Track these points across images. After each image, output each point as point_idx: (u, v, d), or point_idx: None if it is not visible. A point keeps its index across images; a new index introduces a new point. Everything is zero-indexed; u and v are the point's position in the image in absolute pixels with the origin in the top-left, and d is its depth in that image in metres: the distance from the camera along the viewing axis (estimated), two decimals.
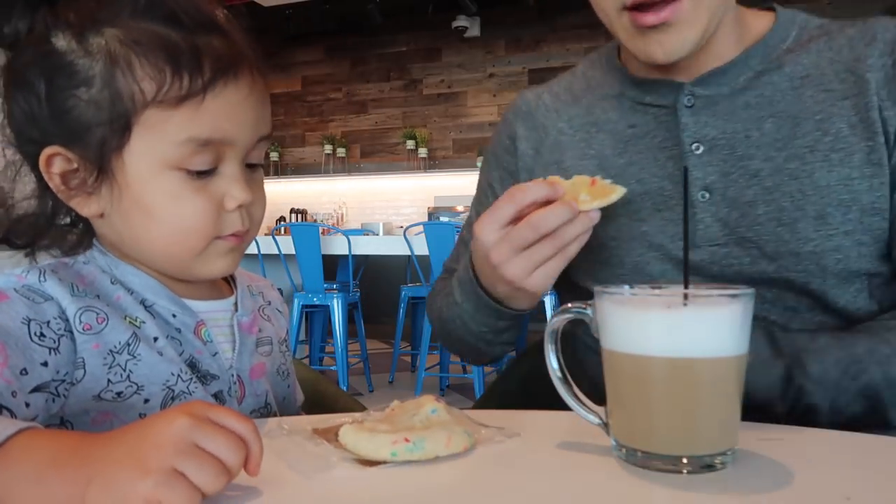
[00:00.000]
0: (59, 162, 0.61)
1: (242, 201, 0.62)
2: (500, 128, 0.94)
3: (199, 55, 0.58)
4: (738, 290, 0.51)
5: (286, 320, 0.83)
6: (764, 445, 0.55)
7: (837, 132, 0.72)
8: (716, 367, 0.50)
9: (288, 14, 6.40)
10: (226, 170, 0.62)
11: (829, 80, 0.74)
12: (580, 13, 6.04)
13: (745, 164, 0.75)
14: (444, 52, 6.61)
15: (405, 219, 6.37)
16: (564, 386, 0.57)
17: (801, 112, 0.74)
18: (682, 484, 0.48)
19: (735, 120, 0.76)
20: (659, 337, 0.50)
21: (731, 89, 0.77)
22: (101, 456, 0.41)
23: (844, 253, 0.72)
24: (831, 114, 0.73)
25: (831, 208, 0.71)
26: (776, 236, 0.73)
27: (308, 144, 7.06)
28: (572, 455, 0.55)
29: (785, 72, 0.76)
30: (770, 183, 0.74)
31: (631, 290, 0.56)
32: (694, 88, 0.78)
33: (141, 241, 0.63)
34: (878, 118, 0.71)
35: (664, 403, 0.51)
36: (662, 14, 0.69)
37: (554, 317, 0.58)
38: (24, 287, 0.59)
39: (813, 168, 0.72)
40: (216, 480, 0.40)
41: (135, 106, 0.58)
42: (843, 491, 0.46)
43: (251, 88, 0.62)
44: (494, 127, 0.97)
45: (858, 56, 0.73)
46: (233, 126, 0.61)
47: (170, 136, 0.58)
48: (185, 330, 0.66)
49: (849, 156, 0.71)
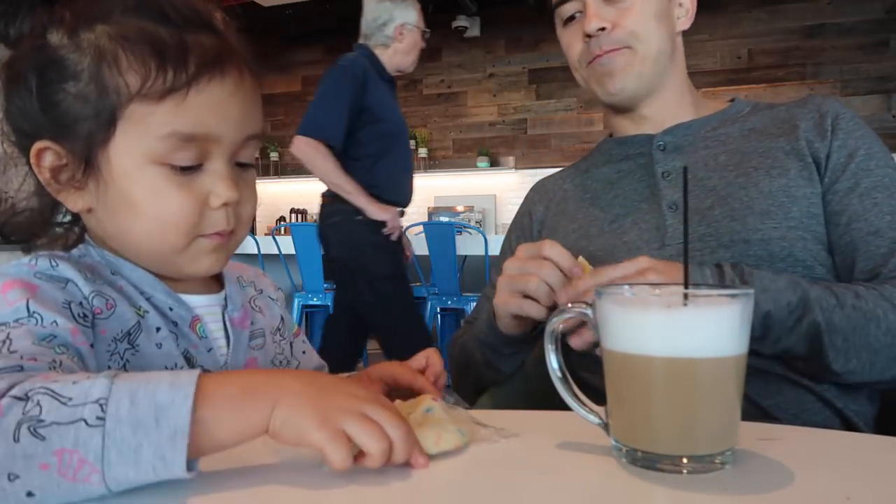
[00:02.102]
0: (49, 156, 0.61)
1: (227, 199, 0.62)
2: (522, 206, 1.18)
3: (186, 50, 0.59)
4: (737, 290, 0.51)
5: (280, 306, 0.83)
6: (764, 445, 0.55)
7: (775, 157, 0.93)
8: (716, 367, 0.50)
9: (288, 14, 6.40)
10: (212, 167, 0.62)
11: (769, 130, 0.97)
12: None
13: (703, 183, 0.96)
14: (444, 51, 6.61)
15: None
16: (564, 386, 0.57)
17: (747, 148, 0.96)
18: (682, 484, 0.48)
19: (696, 156, 0.99)
20: (659, 337, 0.50)
21: (693, 137, 1.01)
22: (288, 387, 0.48)
23: (790, 242, 0.87)
24: (770, 147, 0.95)
25: (774, 207, 0.89)
26: (730, 229, 0.90)
27: None
28: (572, 455, 0.55)
29: (736, 127, 1.00)
30: (724, 193, 0.93)
31: (631, 290, 0.56)
32: (664, 137, 1.02)
33: (127, 236, 0.63)
34: (805, 147, 0.92)
35: (664, 403, 0.51)
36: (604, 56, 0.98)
37: (554, 317, 0.58)
38: (41, 273, 0.59)
39: (757, 179, 0.92)
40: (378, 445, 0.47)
41: (119, 99, 0.58)
42: (843, 491, 0.46)
43: (238, 86, 0.62)
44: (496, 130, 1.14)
45: (793, 115, 0.97)
46: (217, 122, 0.60)
47: (153, 130, 0.59)
48: (181, 324, 0.66)
49: (785, 171, 0.91)
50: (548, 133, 6.28)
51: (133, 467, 0.43)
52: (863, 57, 5.39)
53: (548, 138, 6.28)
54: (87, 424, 0.43)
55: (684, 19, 1.04)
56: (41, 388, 0.44)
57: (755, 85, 5.49)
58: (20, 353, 0.50)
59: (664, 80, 1.01)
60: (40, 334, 0.53)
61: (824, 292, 0.79)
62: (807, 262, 0.87)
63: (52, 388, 0.44)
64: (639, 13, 0.97)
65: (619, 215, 1.00)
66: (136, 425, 0.43)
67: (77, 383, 0.45)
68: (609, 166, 1.08)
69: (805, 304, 0.78)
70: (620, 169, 1.05)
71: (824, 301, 0.78)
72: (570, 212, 1.07)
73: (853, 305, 0.78)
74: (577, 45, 1.02)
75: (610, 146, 1.10)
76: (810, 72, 5.50)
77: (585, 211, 1.05)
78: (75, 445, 0.43)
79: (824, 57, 5.45)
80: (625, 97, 1.01)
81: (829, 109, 0.94)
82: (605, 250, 0.98)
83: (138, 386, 0.45)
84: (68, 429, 0.43)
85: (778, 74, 5.55)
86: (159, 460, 0.43)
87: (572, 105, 6.19)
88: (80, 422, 0.43)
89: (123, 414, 0.43)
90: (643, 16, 0.98)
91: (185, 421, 0.44)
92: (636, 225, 0.98)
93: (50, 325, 0.55)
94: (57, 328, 0.55)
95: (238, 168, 0.65)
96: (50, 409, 0.43)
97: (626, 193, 1.02)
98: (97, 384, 0.45)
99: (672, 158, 1.00)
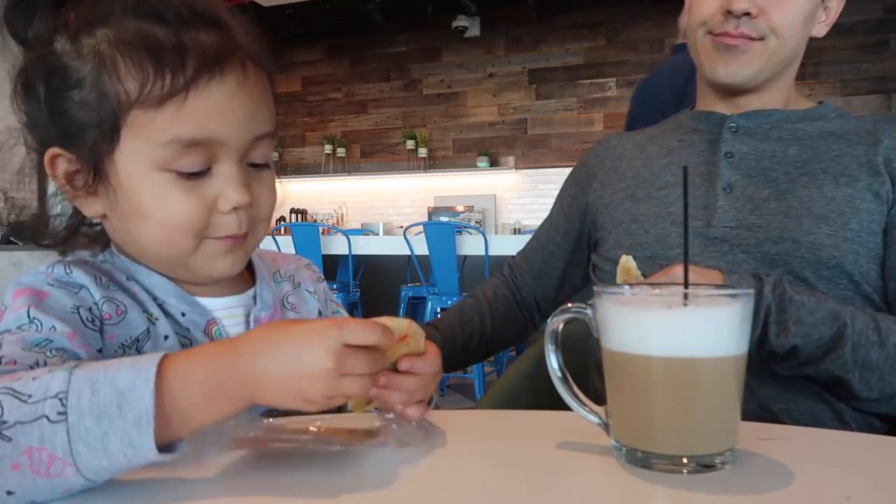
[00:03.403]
0: (62, 163, 0.61)
1: (237, 203, 0.60)
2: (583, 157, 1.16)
3: (183, 51, 0.57)
4: (737, 290, 0.51)
5: (321, 298, 0.79)
6: (764, 445, 0.55)
7: (847, 165, 0.89)
8: (716, 366, 0.50)
9: (288, 14, 6.39)
10: (220, 170, 0.60)
11: (848, 136, 0.92)
12: (580, 13, 6.04)
13: (765, 173, 0.92)
14: (443, 52, 6.61)
15: (405, 219, 6.37)
16: (564, 386, 0.57)
17: (820, 148, 0.92)
18: (682, 484, 0.48)
19: (766, 144, 0.94)
20: (659, 337, 0.50)
21: (769, 126, 0.96)
22: (260, 379, 0.47)
23: (841, 253, 0.83)
24: (844, 153, 0.90)
25: (834, 214, 0.85)
26: (782, 225, 0.86)
27: (308, 144, 7.06)
28: (572, 455, 0.55)
29: (815, 125, 0.95)
30: (784, 187, 0.89)
31: (631, 289, 0.56)
32: (739, 119, 0.97)
33: (139, 242, 0.63)
34: (883, 163, 0.88)
35: (664, 403, 0.50)
36: (736, 41, 0.91)
37: (554, 317, 0.58)
38: (55, 280, 0.60)
39: (823, 182, 0.88)
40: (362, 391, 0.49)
41: (121, 107, 0.57)
42: (843, 491, 0.46)
43: (240, 85, 0.59)
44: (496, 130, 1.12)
45: (879, 128, 0.92)
46: (220, 125, 0.58)
47: (155, 137, 0.57)
48: (194, 329, 0.65)
49: (854, 181, 0.87)
50: (548, 133, 6.28)
51: (104, 457, 0.43)
52: (863, 57, 5.39)
53: (548, 138, 6.28)
54: (49, 421, 0.43)
55: (822, 25, 0.98)
56: (3, 389, 0.44)
57: None
58: (1, 359, 0.50)
59: (778, 78, 0.96)
60: (34, 340, 0.53)
61: (867, 326, 0.77)
62: (854, 277, 0.84)
63: (13, 388, 0.44)
64: (790, 9, 0.91)
65: (668, 183, 0.97)
66: (99, 415, 0.43)
67: (37, 379, 0.44)
68: (674, 134, 1.04)
69: (838, 339, 0.76)
70: (683, 139, 1.02)
71: (864, 337, 0.76)
72: (621, 169, 1.05)
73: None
74: (710, 7, 0.93)
75: (684, 117, 1.06)
76: (810, 72, 5.50)
77: (636, 171, 1.02)
78: (41, 443, 0.43)
79: (824, 57, 5.45)
80: (729, 83, 0.94)
81: None
82: (649, 217, 0.96)
83: (98, 374, 0.44)
84: (32, 427, 0.43)
85: None
86: (128, 447, 0.43)
87: (572, 105, 6.20)
88: (42, 419, 0.43)
89: (85, 405, 0.43)
90: (793, 13, 0.91)
91: (148, 404, 0.43)
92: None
93: (48, 330, 0.55)
94: (54, 333, 0.55)
95: (252, 169, 0.63)
96: (11, 409, 0.43)
97: (680, 161, 0.98)
98: (56, 378, 0.44)
99: (740, 141, 0.95)
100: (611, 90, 6.09)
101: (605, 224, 1.03)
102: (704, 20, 0.94)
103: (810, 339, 0.75)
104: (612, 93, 6.09)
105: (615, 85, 6.07)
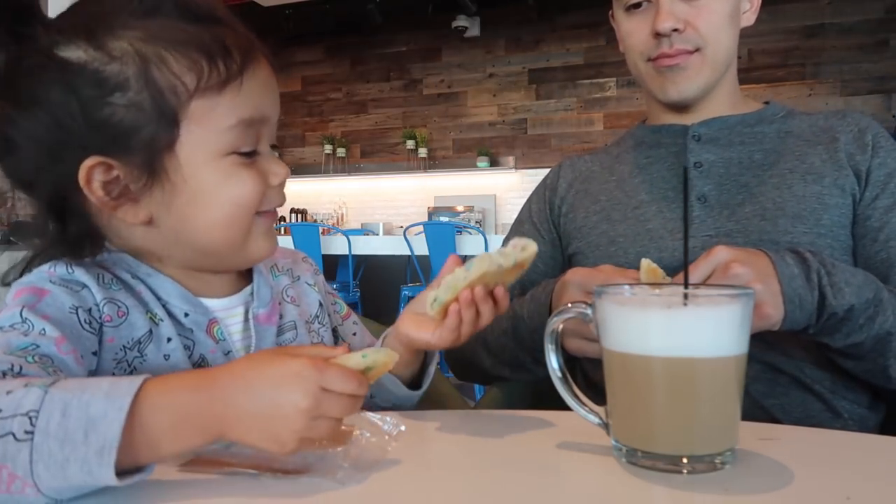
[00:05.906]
0: (99, 173, 0.59)
1: (286, 176, 0.65)
2: (547, 177, 1.16)
3: (222, 42, 0.60)
4: (737, 290, 0.51)
5: (319, 290, 0.81)
6: (764, 445, 0.55)
7: (811, 163, 0.92)
8: (716, 366, 0.50)
9: (288, 14, 6.39)
10: (263, 148, 0.64)
11: (806, 135, 0.96)
12: (580, 13, 6.04)
13: (736, 179, 0.95)
14: (443, 51, 6.60)
15: (405, 219, 6.37)
16: (564, 386, 0.57)
17: (783, 149, 0.95)
18: (682, 484, 0.48)
19: (730, 150, 0.97)
20: (659, 337, 0.50)
21: (729, 131, 0.99)
22: (234, 416, 0.47)
23: (817, 248, 0.84)
24: (807, 152, 0.94)
25: (806, 213, 0.88)
26: (759, 228, 0.89)
27: (308, 144, 7.05)
28: (572, 455, 0.55)
29: (773, 127, 0.99)
30: (756, 191, 0.92)
31: (631, 289, 0.56)
32: (699, 128, 0.99)
33: (198, 233, 0.62)
34: (845, 159, 0.91)
35: (664, 403, 0.51)
36: (675, 59, 0.94)
37: (554, 317, 0.58)
38: (58, 278, 0.60)
39: (791, 182, 0.91)
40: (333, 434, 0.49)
41: (179, 99, 0.58)
42: (843, 491, 0.46)
43: (271, 69, 0.65)
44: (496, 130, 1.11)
45: (832, 126, 0.96)
46: (266, 103, 0.63)
47: (219, 122, 0.60)
48: (196, 329, 0.66)
49: (820, 178, 0.91)
50: (548, 133, 6.28)
51: (63, 482, 0.43)
52: (863, 57, 5.39)
53: (547, 138, 6.27)
54: (15, 438, 0.42)
55: (749, 13, 0.99)
56: None
57: (755, 85, 5.48)
58: None
59: (723, 81, 0.98)
60: (20, 343, 0.53)
61: (892, 297, 0.79)
62: None
63: None
64: (713, 13, 0.92)
65: (643, 201, 0.99)
66: (63, 440, 0.43)
67: (10, 393, 0.44)
68: (639, 151, 1.05)
69: (878, 303, 0.77)
70: (650, 155, 1.03)
71: (893, 306, 0.78)
72: (593, 192, 1.05)
73: None
74: (640, 35, 0.96)
75: (643, 133, 1.07)
76: (810, 72, 5.50)
77: (609, 193, 1.03)
78: (4, 460, 0.42)
79: (824, 57, 5.45)
80: (681, 100, 0.97)
81: (868, 126, 0.94)
82: (627, 236, 0.97)
83: (72, 397, 0.44)
84: None
85: (778, 74, 5.55)
86: (87, 475, 0.43)
87: (572, 105, 6.19)
88: (9, 436, 0.42)
89: (53, 428, 0.43)
90: (717, 16, 0.93)
91: (115, 434, 0.43)
92: (661, 213, 0.96)
93: (37, 333, 0.54)
94: (42, 337, 0.54)
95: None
96: None
97: (654, 180, 1.00)
98: (30, 395, 0.44)
99: (706, 150, 0.97)
100: (611, 90, 6.09)
101: (580, 248, 1.03)
102: (640, 49, 0.97)
103: (861, 298, 0.76)
104: (612, 93, 6.08)
105: (615, 85, 6.06)
